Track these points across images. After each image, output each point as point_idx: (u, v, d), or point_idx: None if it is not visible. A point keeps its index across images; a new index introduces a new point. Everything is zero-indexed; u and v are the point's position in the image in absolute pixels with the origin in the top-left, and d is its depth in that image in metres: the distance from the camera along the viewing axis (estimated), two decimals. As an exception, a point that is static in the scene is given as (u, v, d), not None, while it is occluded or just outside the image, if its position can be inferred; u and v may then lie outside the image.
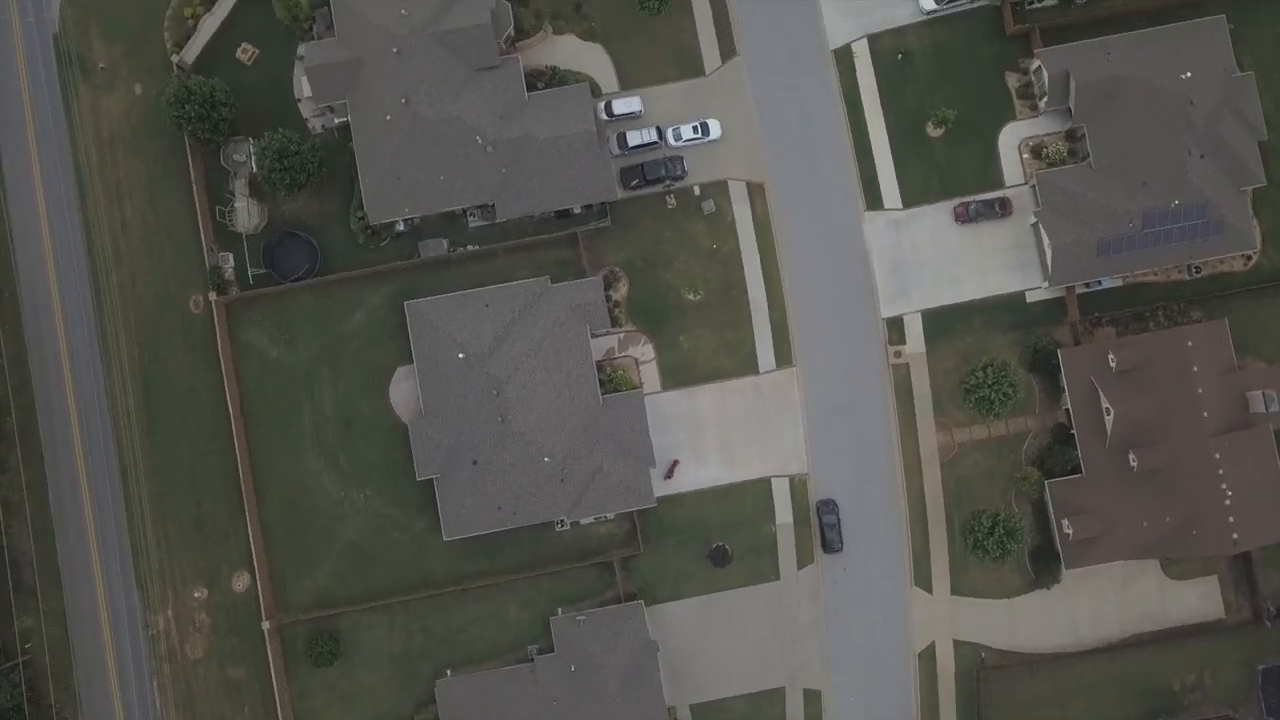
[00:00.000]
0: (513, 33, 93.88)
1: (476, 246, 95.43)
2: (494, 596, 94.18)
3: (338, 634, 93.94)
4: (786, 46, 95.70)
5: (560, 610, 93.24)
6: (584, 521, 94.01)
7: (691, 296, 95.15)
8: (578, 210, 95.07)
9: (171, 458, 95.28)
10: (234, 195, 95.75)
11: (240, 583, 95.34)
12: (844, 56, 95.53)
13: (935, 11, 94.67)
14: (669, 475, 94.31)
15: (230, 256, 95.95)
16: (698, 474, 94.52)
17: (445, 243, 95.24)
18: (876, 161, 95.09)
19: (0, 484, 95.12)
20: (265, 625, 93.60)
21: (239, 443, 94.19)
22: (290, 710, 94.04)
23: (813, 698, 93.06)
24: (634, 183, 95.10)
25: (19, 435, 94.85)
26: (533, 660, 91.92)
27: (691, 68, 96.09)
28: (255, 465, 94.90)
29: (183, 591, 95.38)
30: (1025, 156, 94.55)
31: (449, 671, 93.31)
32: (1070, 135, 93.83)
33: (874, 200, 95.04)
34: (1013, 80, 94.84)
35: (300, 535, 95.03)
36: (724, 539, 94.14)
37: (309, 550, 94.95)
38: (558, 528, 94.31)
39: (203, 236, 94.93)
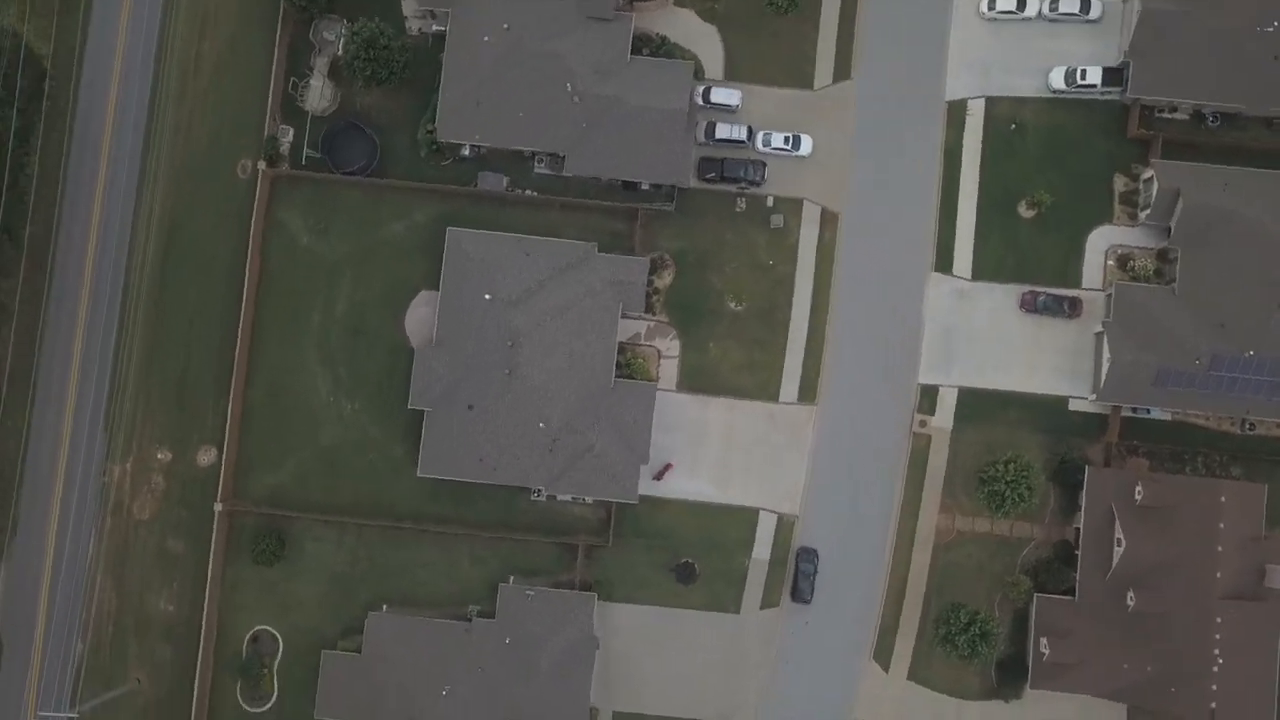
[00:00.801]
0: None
1: (534, 193, 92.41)
2: (450, 545, 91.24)
3: (285, 537, 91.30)
4: (903, 84, 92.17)
5: (512, 579, 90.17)
6: (560, 498, 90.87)
7: (733, 305, 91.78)
8: (645, 186, 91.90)
9: (175, 310, 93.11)
10: (312, 71, 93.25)
11: (206, 457, 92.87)
12: (957, 111, 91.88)
13: (1062, 92, 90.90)
14: (659, 476, 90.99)
15: (290, 131, 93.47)
16: (687, 484, 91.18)
17: (505, 180, 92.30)
18: (958, 225, 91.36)
19: (4, 287, 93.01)
20: (218, 507, 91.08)
21: (244, 319, 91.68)
22: (216, 599, 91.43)
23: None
24: (710, 175, 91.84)
25: (31, 241, 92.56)
26: (470, 620, 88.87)
27: (801, 78, 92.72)
28: (253, 346, 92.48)
29: (147, 449, 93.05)
30: (1109, 263, 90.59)
31: (385, 606, 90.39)
32: (1161, 255, 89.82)
33: (944, 263, 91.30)
34: (1120, 183, 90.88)
35: (277, 428, 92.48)
36: (695, 557, 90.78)
37: (281, 445, 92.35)
38: (533, 496, 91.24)
39: (269, 102, 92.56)
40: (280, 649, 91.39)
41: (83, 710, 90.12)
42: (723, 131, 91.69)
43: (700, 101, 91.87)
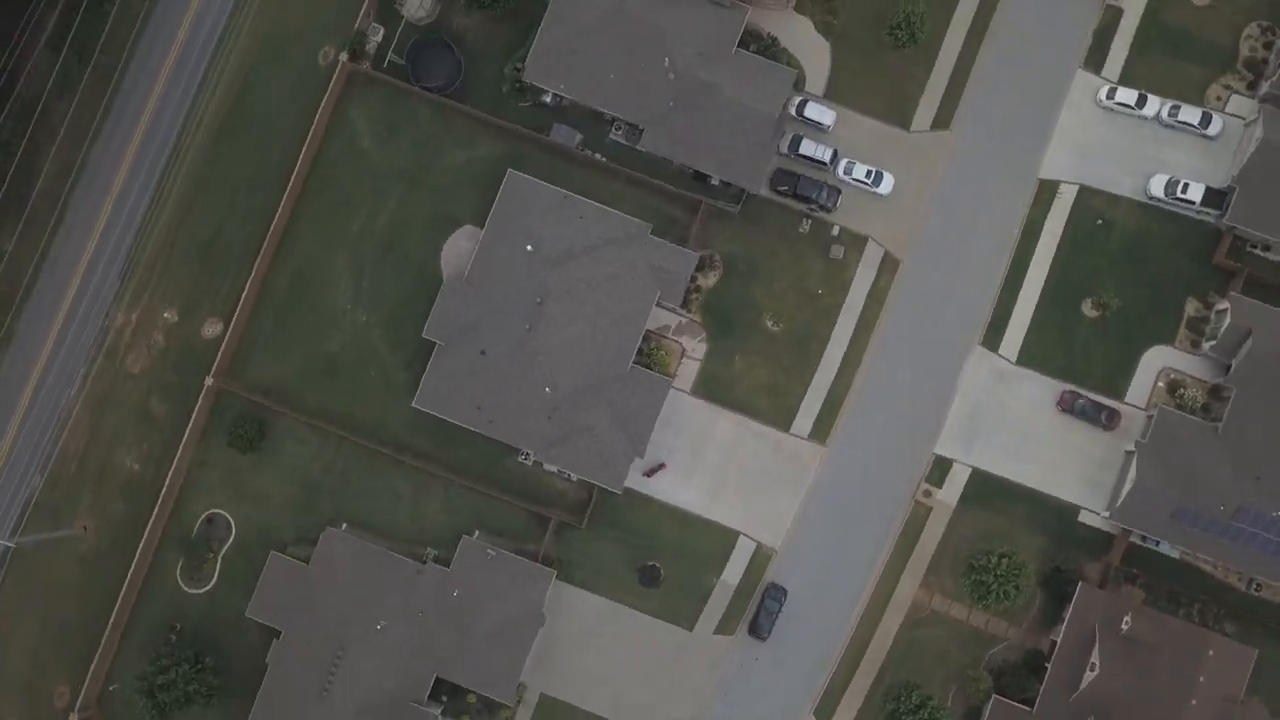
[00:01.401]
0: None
1: (603, 158, 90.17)
2: (425, 484, 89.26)
3: (267, 429, 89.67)
4: (1000, 148, 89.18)
5: (477, 534, 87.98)
6: (547, 467, 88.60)
7: (770, 324, 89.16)
8: (715, 181, 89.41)
9: (221, 173, 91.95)
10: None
11: (211, 329, 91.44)
12: (1047, 190, 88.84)
13: (1158, 200, 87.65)
14: (649, 473, 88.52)
15: (380, 31, 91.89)
16: (676, 489, 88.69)
17: (578, 138, 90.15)
18: (1017, 305, 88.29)
19: (57, 107, 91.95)
20: (209, 381, 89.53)
21: (286, 203, 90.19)
22: (183, 471, 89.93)
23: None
24: (782, 188, 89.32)
25: (97, 68, 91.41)
26: (425, 564, 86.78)
27: (900, 115, 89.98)
28: (288, 231, 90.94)
29: (156, 305, 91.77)
30: (1159, 384, 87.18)
31: (344, 525, 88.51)
32: (1214, 390, 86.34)
33: (992, 339, 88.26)
34: (1191, 307, 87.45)
35: (289, 319, 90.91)
36: (664, 563, 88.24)
37: (288, 338, 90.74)
38: (520, 458, 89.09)
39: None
40: (231, 537, 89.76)
41: (21, 541, 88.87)
42: (807, 148, 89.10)
43: (792, 112, 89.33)
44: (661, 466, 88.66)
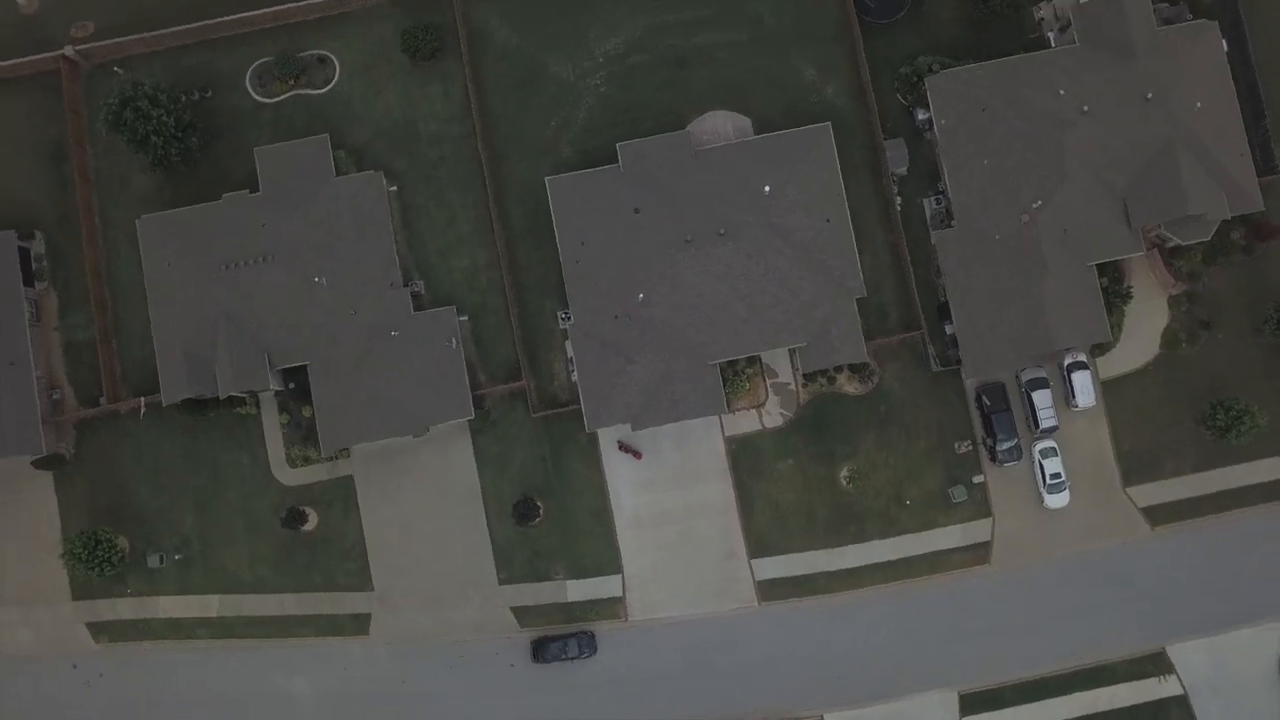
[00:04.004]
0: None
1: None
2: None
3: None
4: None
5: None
6: (569, 367, 77.87)
7: (844, 476, 76.62)
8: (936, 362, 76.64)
9: None
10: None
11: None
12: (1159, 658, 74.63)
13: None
14: (623, 447, 77.32)
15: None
16: (627, 481, 77.67)
17: (906, 159, 78.17)
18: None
19: None
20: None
21: None
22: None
23: (362, 621, 77.74)
24: (987, 403, 76.37)
25: None
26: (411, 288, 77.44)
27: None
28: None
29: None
30: None
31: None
32: None
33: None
34: None
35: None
36: (547, 509, 77.46)
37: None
38: (561, 322, 78.52)
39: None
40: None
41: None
42: (1040, 400, 75.65)
43: (1065, 364, 76.00)
44: (638, 456, 77.41)
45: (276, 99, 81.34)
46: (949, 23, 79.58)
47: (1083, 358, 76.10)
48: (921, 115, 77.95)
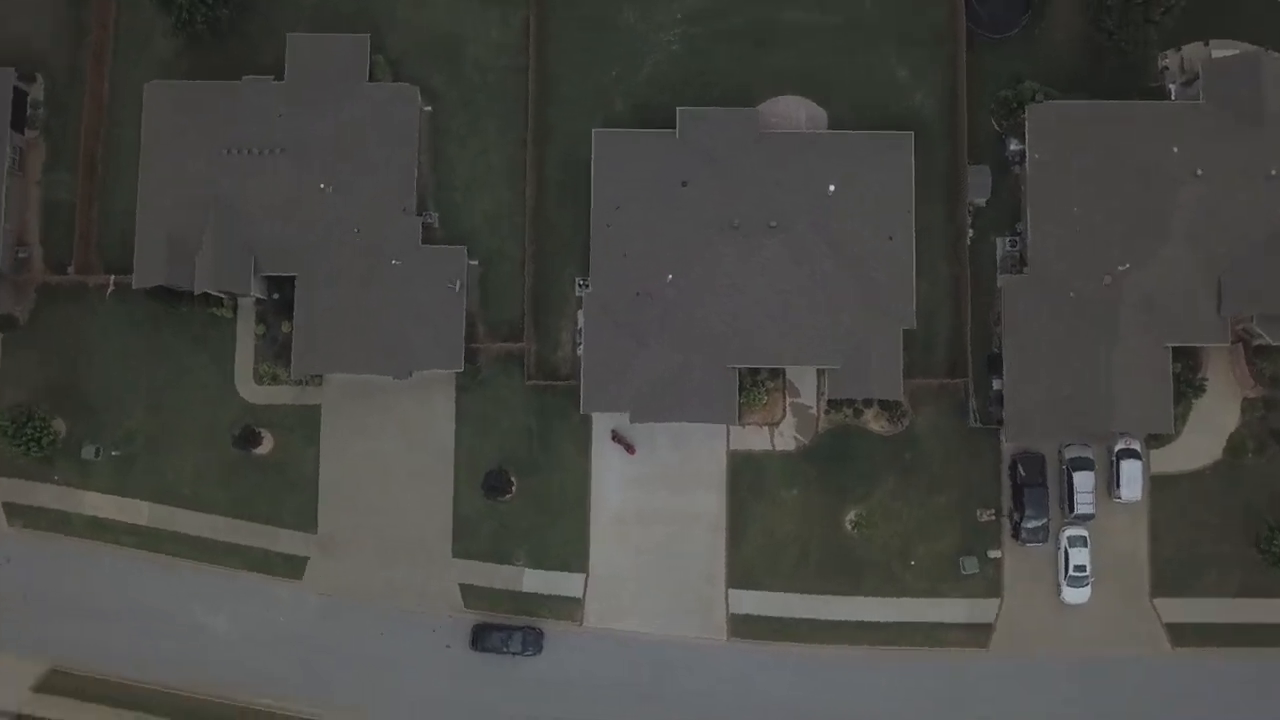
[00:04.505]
0: None
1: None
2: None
3: None
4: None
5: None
6: (576, 339, 70.69)
7: (849, 521, 69.28)
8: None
9: None
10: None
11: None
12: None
13: None
14: (616, 437, 70.27)
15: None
16: (615, 475, 70.69)
17: (989, 183, 70.58)
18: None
19: None
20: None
21: None
22: None
23: (298, 564, 71.10)
24: (1017, 473, 68.90)
25: None
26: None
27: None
28: None
29: None
30: None
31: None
32: None
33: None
34: None
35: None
36: (521, 486, 70.60)
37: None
38: (578, 290, 71.27)
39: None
40: None
41: None
42: (1081, 482, 68.04)
43: (1115, 448, 68.38)
44: (630, 448, 70.29)
45: (322, -16, 74.31)
46: (1063, 50, 71.92)
47: (1136, 445, 68.46)
48: (1014, 145, 70.33)
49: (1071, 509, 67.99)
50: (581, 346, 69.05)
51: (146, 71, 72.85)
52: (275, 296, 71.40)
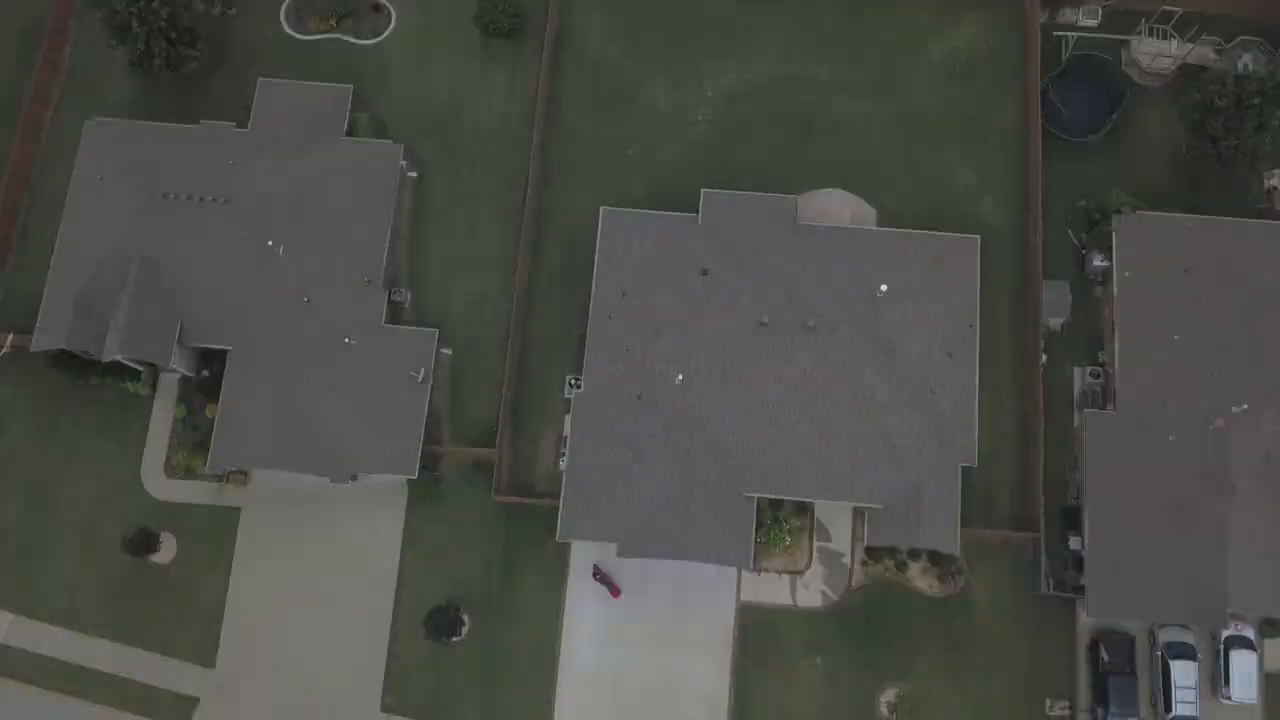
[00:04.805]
0: None
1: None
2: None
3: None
4: None
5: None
6: (560, 450, 58.11)
7: (887, 711, 54.94)
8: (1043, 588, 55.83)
9: None
10: None
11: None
12: None
13: None
14: (598, 576, 56.83)
15: None
16: (592, 622, 56.91)
17: (1070, 300, 59.00)
18: None
19: None
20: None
21: None
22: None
23: (186, 706, 55.89)
24: (1099, 657, 54.69)
25: None
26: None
27: None
28: None
29: None
30: None
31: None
32: None
33: None
34: None
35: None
36: (474, 628, 56.79)
37: None
38: (567, 391, 59.14)
39: None
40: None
41: None
42: (1181, 674, 53.96)
43: (1223, 634, 54.59)
44: (615, 589, 56.55)
45: (310, 36, 65.48)
46: (1154, 160, 61.79)
47: (1250, 633, 54.56)
48: (1098, 261, 59.23)
49: (1169, 708, 53.54)
50: (565, 458, 56.18)
51: (92, 114, 62.90)
52: (204, 374, 59.33)
